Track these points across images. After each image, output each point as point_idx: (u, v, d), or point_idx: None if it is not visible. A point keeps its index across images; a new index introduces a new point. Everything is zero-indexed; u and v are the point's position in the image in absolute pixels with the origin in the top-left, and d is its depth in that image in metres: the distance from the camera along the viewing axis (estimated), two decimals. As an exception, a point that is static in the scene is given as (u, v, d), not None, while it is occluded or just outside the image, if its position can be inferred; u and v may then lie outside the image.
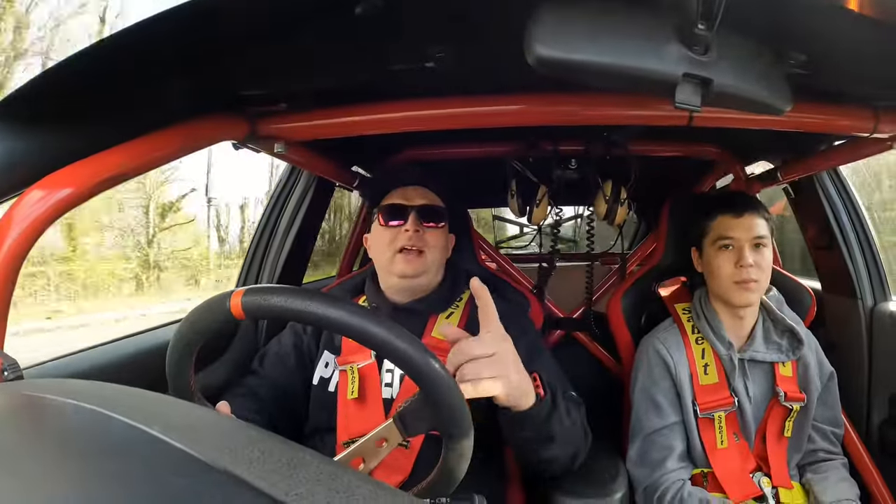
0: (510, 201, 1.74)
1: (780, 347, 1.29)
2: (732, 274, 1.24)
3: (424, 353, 0.64)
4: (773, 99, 0.72)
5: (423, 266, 1.18)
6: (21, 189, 0.72)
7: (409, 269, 1.17)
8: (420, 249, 1.17)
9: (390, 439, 0.72)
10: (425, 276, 1.20)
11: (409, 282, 1.19)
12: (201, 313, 0.68)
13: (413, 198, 1.21)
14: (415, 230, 1.17)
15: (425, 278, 1.20)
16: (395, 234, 1.18)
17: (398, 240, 1.17)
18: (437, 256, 1.21)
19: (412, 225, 1.17)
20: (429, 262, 1.18)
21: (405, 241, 1.16)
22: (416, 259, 1.17)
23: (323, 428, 1.14)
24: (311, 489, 0.30)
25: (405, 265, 1.16)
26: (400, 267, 1.17)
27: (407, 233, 1.17)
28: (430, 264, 1.19)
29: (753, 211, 1.26)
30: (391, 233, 1.19)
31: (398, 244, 1.17)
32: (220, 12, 0.62)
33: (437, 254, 1.20)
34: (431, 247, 1.19)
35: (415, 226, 1.17)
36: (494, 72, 0.98)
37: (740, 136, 1.57)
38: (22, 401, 0.47)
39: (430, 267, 1.20)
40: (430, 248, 1.18)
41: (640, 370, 1.35)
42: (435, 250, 1.20)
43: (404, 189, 1.24)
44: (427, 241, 1.18)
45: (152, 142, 0.83)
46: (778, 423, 1.27)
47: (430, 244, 1.19)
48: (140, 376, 0.93)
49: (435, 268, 1.21)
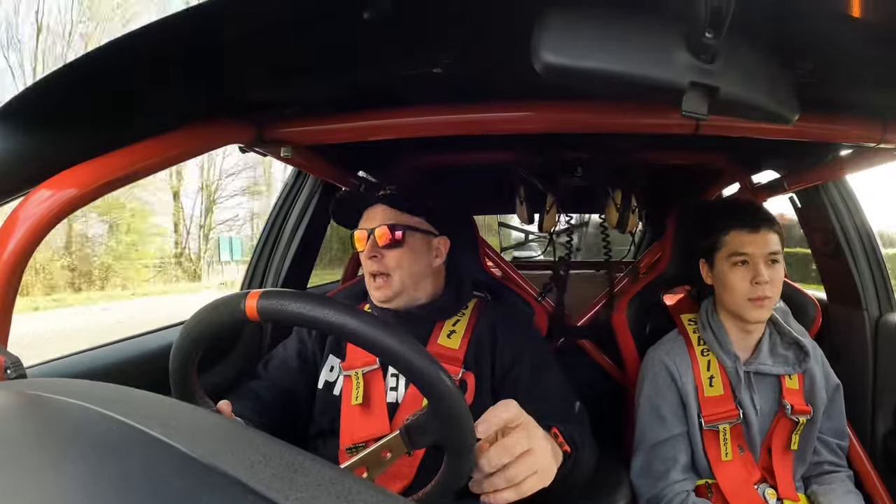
0: (518, 208, 1.74)
1: (786, 360, 1.28)
2: (748, 291, 1.22)
3: (437, 369, 0.64)
4: (780, 108, 0.72)
5: (391, 290, 1.16)
6: (27, 189, 0.73)
7: (380, 294, 1.16)
8: (384, 273, 1.15)
9: (395, 450, 0.72)
10: (404, 296, 1.18)
11: (387, 304, 1.18)
12: (212, 312, 0.68)
13: (373, 219, 1.18)
14: (371, 256, 1.15)
15: (405, 297, 1.19)
16: (364, 258, 1.18)
17: (367, 265, 1.17)
18: (408, 274, 1.17)
19: (368, 251, 1.16)
20: (397, 283, 1.16)
21: (371, 266, 1.16)
22: (384, 284, 1.16)
23: (326, 432, 1.13)
24: (313, 494, 0.30)
25: (377, 292, 1.17)
26: (373, 294, 1.18)
27: (368, 259, 1.16)
28: (401, 284, 1.16)
29: (768, 226, 1.25)
30: (362, 257, 1.19)
31: (368, 269, 1.17)
32: (227, 16, 0.62)
33: (405, 272, 1.17)
34: (395, 268, 1.16)
35: (371, 251, 1.15)
36: (501, 78, 0.98)
37: (747, 145, 1.57)
38: (24, 399, 0.47)
39: (405, 286, 1.17)
40: (393, 269, 1.16)
41: (645, 381, 1.34)
42: (400, 270, 1.16)
43: (369, 210, 1.21)
44: (388, 264, 1.15)
45: (159, 144, 0.83)
46: (784, 435, 1.26)
47: (392, 266, 1.15)
48: (143, 377, 0.93)
49: (411, 283, 1.18)
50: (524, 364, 1.15)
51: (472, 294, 1.31)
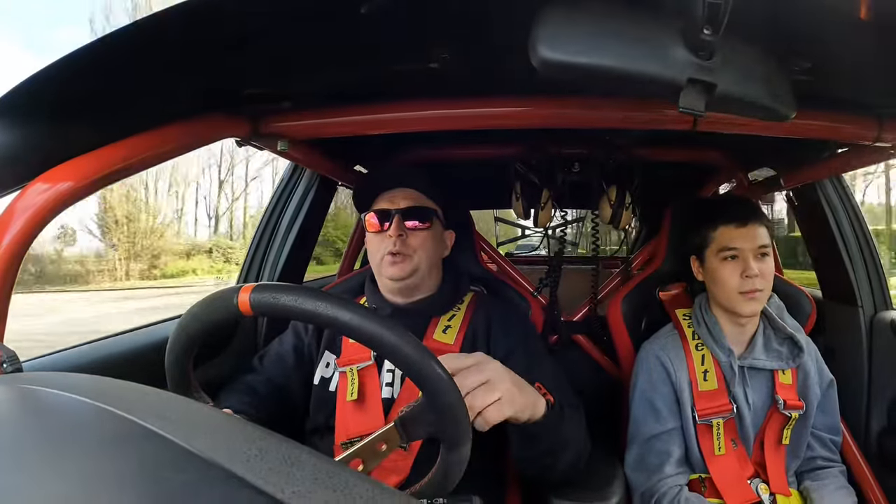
0: (514, 203, 1.74)
1: (780, 355, 1.29)
2: (738, 285, 1.23)
3: (430, 359, 0.64)
4: (778, 105, 0.72)
5: (410, 268, 1.17)
6: (23, 182, 0.72)
7: (398, 272, 1.16)
8: (406, 253, 1.17)
9: (390, 442, 0.72)
10: (416, 276, 1.19)
11: (400, 283, 1.19)
12: (206, 307, 0.68)
13: (397, 201, 1.20)
14: (398, 235, 1.16)
15: (417, 277, 1.20)
16: (382, 238, 1.18)
17: (385, 244, 1.17)
18: (427, 257, 1.20)
19: (395, 230, 1.16)
20: (416, 264, 1.18)
21: (390, 246, 1.16)
22: (403, 262, 1.17)
23: (322, 428, 1.14)
24: (309, 487, 0.30)
25: (393, 269, 1.17)
26: (389, 270, 1.17)
27: (391, 238, 1.16)
28: (419, 265, 1.18)
29: (756, 220, 1.25)
30: (378, 238, 1.19)
31: (385, 249, 1.17)
32: (224, 10, 0.62)
33: (426, 255, 1.19)
34: (417, 249, 1.18)
35: (398, 230, 1.17)
36: (498, 74, 0.98)
37: (743, 143, 1.58)
38: (20, 393, 0.47)
39: (420, 267, 1.19)
40: (415, 250, 1.18)
41: (639, 375, 1.34)
42: (422, 252, 1.18)
43: (390, 192, 1.22)
44: (411, 244, 1.17)
45: (155, 138, 0.83)
46: (776, 430, 1.27)
47: (416, 247, 1.18)
48: (139, 371, 0.93)
49: (426, 267, 1.20)
50: (518, 359, 1.15)
51: (468, 288, 1.31)
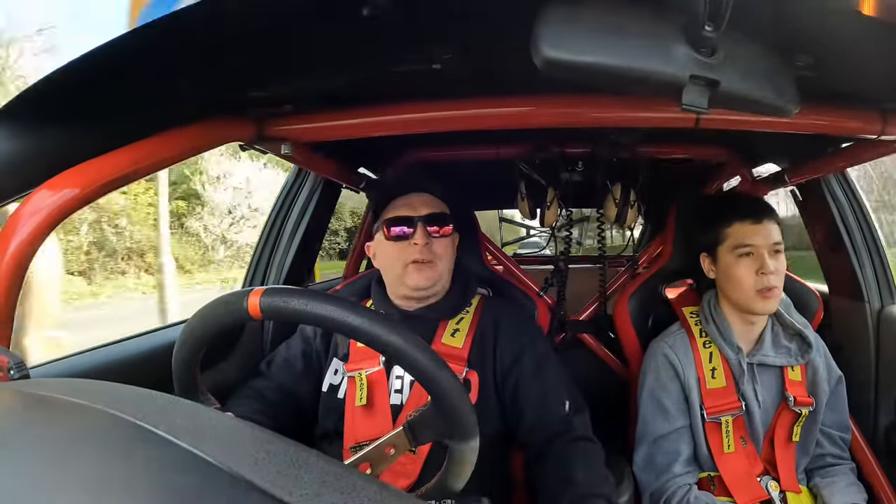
0: (520, 203, 1.74)
1: (789, 351, 1.28)
2: (755, 282, 1.22)
3: (438, 363, 0.64)
4: (781, 101, 0.72)
5: (436, 276, 1.15)
6: (29, 189, 0.72)
7: (424, 281, 1.14)
8: (431, 261, 1.14)
9: (398, 446, 0.72)
10: (439, 284, 1.18)
11: (424, 292, 1.17)
12: (214, 310, 0.68)
13: (418, 207, 1.17)
14: (424, 243, 1.13)
15: (439, 286, 1.19)
16: (404, 246, 1.15)
17: (407, 252, 1.14)
18: (448, 263, 1.19)
19: (421, 237, 1.13)
20: (441, 271, 1.16)
21: (416, 254, 1.13)
22: (429, 270, 1.14)
23: (331, 434, 1.13)
24: (317, 490, 0.30)
25: (419, 278, 1.14)
26: (414, 279, 1.14)
27: (416, 246, 1.13)
28: (443, 272, 1.17)
29: (770, 217, 1.25)
30: (399, 246, 1.15)
31: (408, 257, 1.14)
32: (226, 14, 0.62)
33: (447, 261, 1.18)
34: (441, 256, 1.16)
35: (424, 239, 1.13)
36: (501, 74, 0.97)
37: (747, 139, 1.57)
38: (27, 400, 0.47)
39: (443, 275, 1.18)
40: (439, 257, 1.16)
41: (647, 374, 1.34)
42: (445, 259, 1.17)
43: (408, 197, 1.19)
44: (436, 251, 1.15)
45: (160, 143, 0.83)
46: (786, 427, 1.26)
47: (440, 254, 1.16)
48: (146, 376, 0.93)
49: (447, 273, 1.20)
50: (525, 363, 1.15)
51: (476, 291, 1.31)
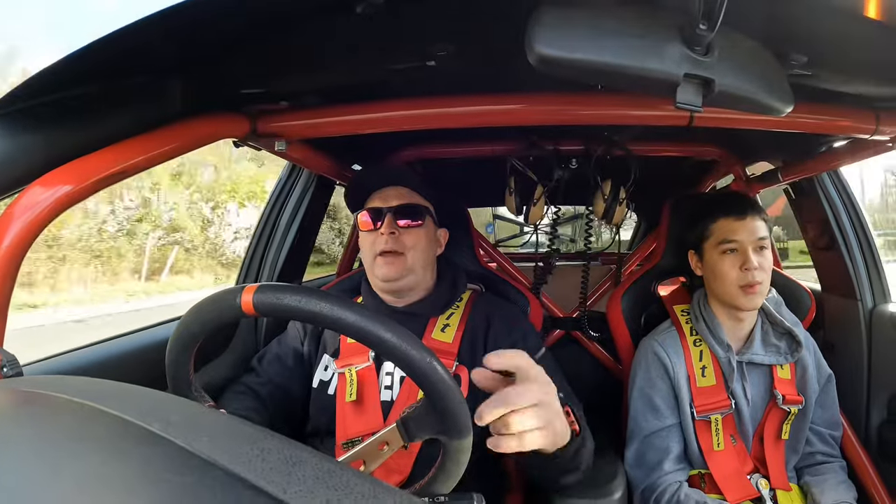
0: (507, 199, 1.73)
1: (778, 350, 1.29)
2: (738, 278, 1.23)
3: (431, 359, 0.64)
4: (774, 100, 0.72)
5: (403, 268, 1.16)
6: (22, 186, 0.72)
7: (390, 272, 1.15)
8: (399, 252, 1.15)
9: (392, 443, 0.72)
10: (411, 277, 1.18)
11: (393, 284, 1.17)
12: (208, 306, 0.67)
13: (390, 199, 1.19)
14: (390, 233, 1.15)
15: (411, 279, 1.18)
16: (375, 237, 1.17)
17: (377, 243, 1.16)
18: (420, 256, 1.18)
19: (387, 227, 1.15)
20: (410, 263, 1.16)
21: (382, 244, 1.15)
22: (396, 261, 1.15)
23: (322, 430, 1.14)
24: (310, 487, 0.30)
25: (388, 270, 1.15)
26: (381, 271, 1.16)
27: (383, 236, 1.15)
28: (413, 265, 1.17)
29: (755, 213, 1.25)
30: (371, 237, 1.18)
31: (377, 248, 1.16)
32: (220, 10, 0.62)
33: (419, 254, 1.18)
34: (410, 248, 1.16)
35: (390, 228, 1.15)
36: (495, 71, 0.98)
37: (741, 137, 1.57)
38: (21, 398, 0.47)
39: (414, 267, 1.17)
40: (409, 249, 1.16)
41: (638, 372, 1.34)
42: (415, 251, 1.17)
43: (382, 191, 1.21)
44: (405, 242, 1.16)
45: (154, 139, 0.83)
46: (775, 425, 1.27)
47: (409, 245, 1.16)
48: (139, 373, 0.93)
49: (420, 267, 1.19)
50: None
51: (466, 286, 1.31)
